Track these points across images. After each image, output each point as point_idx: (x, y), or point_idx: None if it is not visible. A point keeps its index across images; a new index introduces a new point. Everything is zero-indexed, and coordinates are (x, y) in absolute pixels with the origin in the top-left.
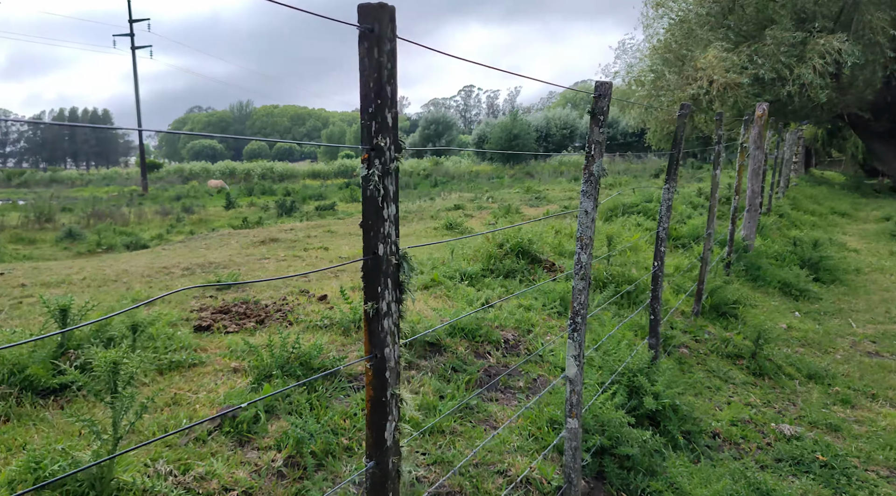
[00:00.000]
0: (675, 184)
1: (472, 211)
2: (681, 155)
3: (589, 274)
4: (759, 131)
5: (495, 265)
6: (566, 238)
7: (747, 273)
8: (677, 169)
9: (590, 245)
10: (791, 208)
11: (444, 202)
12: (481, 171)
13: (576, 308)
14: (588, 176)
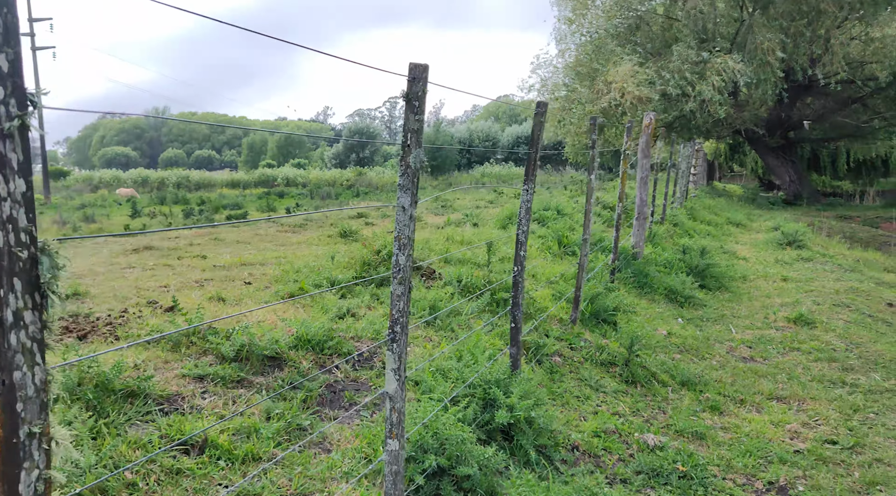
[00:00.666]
0: (533, 185)
1: (375, 219)
2: (538, 155)
3: (409, 277)
4: (647, 140)
5: (370, 272)
6: (456, 245)
7: (635, 280)
8: (535, 170)
9: (409, 245)
10: (688, 218)
11: (351, 211)
12: None
13: (395, 316)
14: (405, 168)
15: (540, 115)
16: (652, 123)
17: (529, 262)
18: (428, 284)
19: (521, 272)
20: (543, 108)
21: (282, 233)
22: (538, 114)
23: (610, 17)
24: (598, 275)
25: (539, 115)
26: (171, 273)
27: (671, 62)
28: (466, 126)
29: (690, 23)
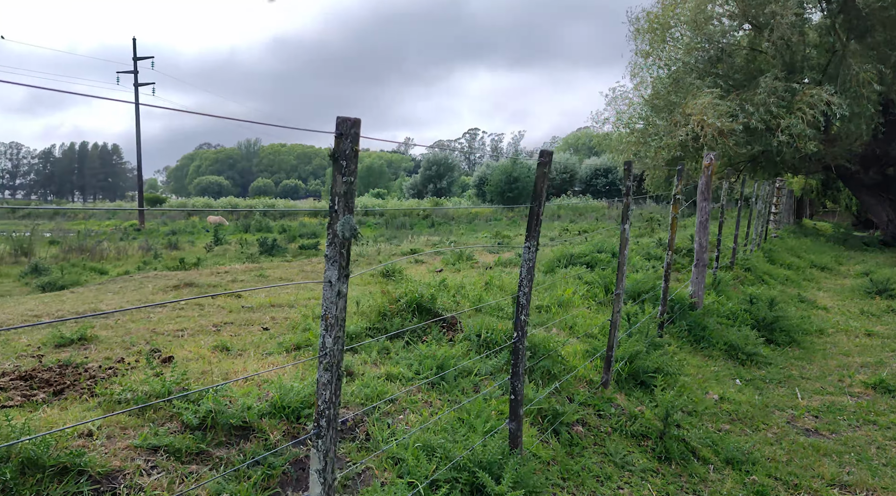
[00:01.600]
0: (535, 242)
1: (426, 257)
2: (542, 208)
3: (338, 362)
4: (707, 181)
5: (385, 324)
6: (494, 291)
7: (690, 334)
8: (538, 224)
9: (337, 326)
10: (765, 261)
11: (405, 246)
12: (481, 213)
13: (321, 407)
14: (332, 236)
15: (543, 165)
16: (712, 164)
17: (569, 312)
18: (449, 336)
19: (521, 338)
20: (548, 158)
21: None
22: (541, 164)
23: (689, 51)
24: (643, 328)
25: (542, 165)
26: (196, 314)
27: (756, 94)
28: None
29: (777, 54)
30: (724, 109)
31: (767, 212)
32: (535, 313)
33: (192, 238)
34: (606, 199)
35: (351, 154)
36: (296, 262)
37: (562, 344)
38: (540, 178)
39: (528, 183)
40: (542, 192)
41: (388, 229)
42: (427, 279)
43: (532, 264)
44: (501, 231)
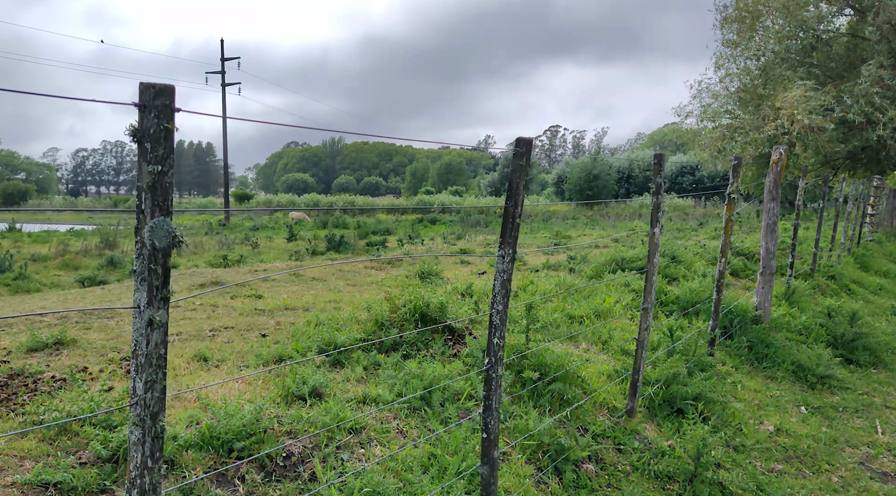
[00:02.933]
0: (511, 250)
1: (473, 258)
2: (519, 210)
3: (154, 414)
4: (775, 180)
5: (382, 334)
6: (525, 298)
7: (750, 352)
8: (515, 229)
9: (151, 366)
10: (858, 268)
11: (457, 245)
12: (558, 211)
13: (132, 475)
14: (139, 247)
15: (519, 157)
16: (782, 159)
17: (608, 323)
18: (455, 350)
19: (494, 365)
20: (525, 148)
21: (369, 268)
22: (517, 155)
23: (781, 40)
24: (688, 346)
25: (518, 157)
26: (205, 316)
27: (857, 85)
28: (626, 155)
29: (883, 39)
30: (818, 103)
31: (861, 213)
32: (567, 324)
33: (272, 234)
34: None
35: (159, 133)
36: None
37: (584, 362)
38: (516, 171)
39: (608, 181)
40: (518, 189)
41: (464, 227)
42: (465, 281)
43: (507, 276)
44: (563, 231)
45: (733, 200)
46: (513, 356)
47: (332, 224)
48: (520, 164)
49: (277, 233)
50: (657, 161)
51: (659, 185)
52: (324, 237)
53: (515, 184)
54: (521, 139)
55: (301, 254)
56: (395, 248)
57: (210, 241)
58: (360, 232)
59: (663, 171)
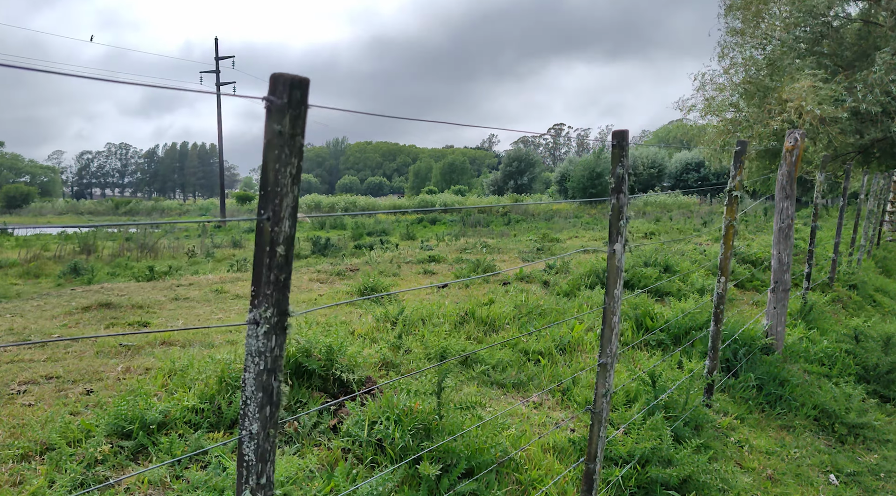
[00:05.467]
0: (272, 310)
1: (449, 263)
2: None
3: None
4: (790, 172)
5: (221, 402)
6: (473, 328)
7: (761, 393)
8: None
9: None
10: (880, 272)
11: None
12: (561, 210)
13: None
14: None
15: (618, 149)
16: (798, 146)
17: (576, 362)
18: (338, 418)
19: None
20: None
21: (314, 281)
22: (615, 146)
23: (788, 27)
24: (678, 396)
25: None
26: (41, 358)
27: (871, 73)
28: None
29: None
30: (828, 93)
31: (881, 210)
32: (519, 365)
33: None
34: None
35: None
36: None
37: (521, 434)
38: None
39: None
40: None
41: (465, 227)
42: (413, 298)
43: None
44: (551, 233)
45: (736, 200)
46: (414, 430)
47: (330, 225)
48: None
49: None
50: (617, 142)
51: (620, 178)
52: (308, 239)
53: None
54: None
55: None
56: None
57: (192, 244)
58: (355, 233)
59: (626, 158)
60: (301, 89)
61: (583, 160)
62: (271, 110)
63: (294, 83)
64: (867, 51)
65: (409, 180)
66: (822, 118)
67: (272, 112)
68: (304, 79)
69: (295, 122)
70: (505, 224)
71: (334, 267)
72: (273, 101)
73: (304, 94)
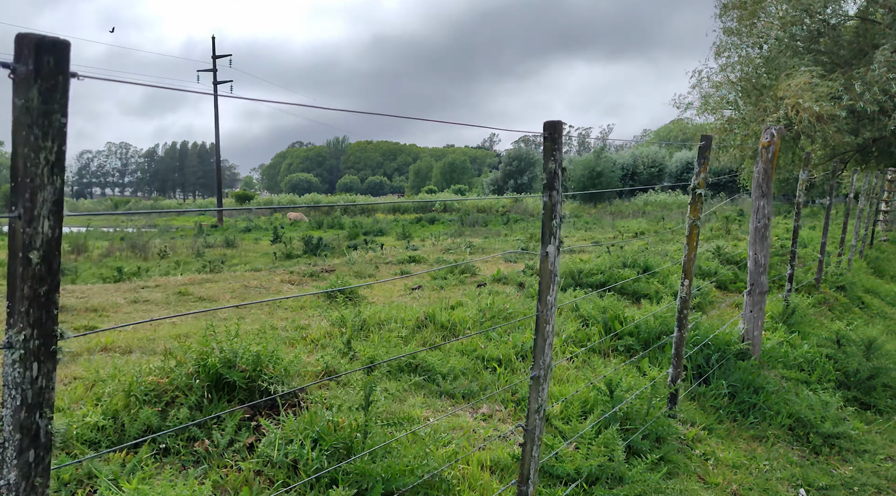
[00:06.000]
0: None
1: (429, 264)
2: None
3: None
4: (766, 170)
5: (126, 419)
6: (430, 333)
7: (733, 401)
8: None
9: None
10: (871, 273)
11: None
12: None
13: None
14: None
15: None
16: (774, 142)
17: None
18: (256, 436)
19: None
20: None
21: (286, 282)
22: None
23: (785, 25)
24: (639, 405)
25: None
26: None
27: (869, 71)
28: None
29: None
30: (825, 90)
31: (875, 210)
32: (474, 372)
33: (262, 235)
34: None
35: None
36: (282, 269)
37: (457, 454)
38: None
39: (612, 178)
40: None
41: (463, 226)
42: (389, 302)
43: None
44: (537, 233)
45: (700, 198)
46: (333, 450)
47: (328, 225)
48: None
49: (268, 234)
50: (549, 134)
51: (553, 173)
52: (301, 239)
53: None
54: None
55: (277, 258)
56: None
57: (185, 243)
58: (351, 233)
59: (559, 151)
60: (55, 54)
61: (582, 159)
62: (16, 81)
63: (42, 45)
64: (865, 49)
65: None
66: (820, 115)
67: (17, 83)
68: (61, 41)
69: (48, 95)
70: (503, 223)
71: (310, 267)
72: (16, 69)
73: (59, 60)
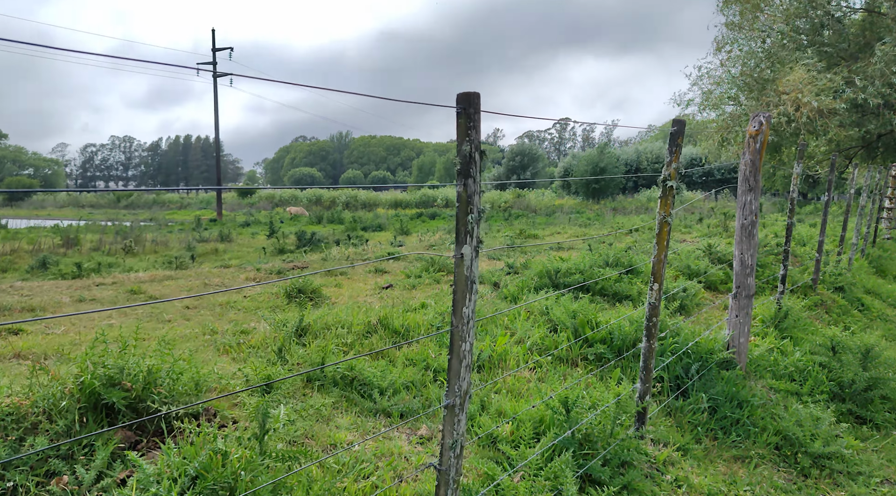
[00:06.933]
0: None
1: (409, 261)
2: None
3: None
4: (753, 161)
5: None
6: (379, 339)
7: (713, 417)
8: None
9: None
10: (873, 272)
11: (404, 246)
12: (564, 205)
13: None
14: None
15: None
16: (763, 130)
17: (492, 382)
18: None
19: None
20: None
21: (252, 280)
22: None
23: (789, 18)
24: (601, 424)
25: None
26: None
27: (871, 65)
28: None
29: None
30: (825, 84)
31: (878, 207)
32: (421, 385)
33: (260, 229)
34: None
35: None
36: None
37: (373, 490)
38: None
39: (615, 173)
40: None
41: None
42: (358, 302)
43: None
44: (530, 229)
45: (670, 191)
46: (212, 491)
47: (328, 219)
48: None
49: (265, 229)
50: (463, 109)
51: (468, 157)
52: (294, 234)
53: None
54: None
55: (267, 252)
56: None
57: (177, 237)
58: (349, 227)
59: (476, 130)
60: None
61: (586, 155)
62: None
63: None
64: (871, 42)
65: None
66: (820, 110)
67: None
68: None
69: None
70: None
71: (286, 264)
72: None
73: None
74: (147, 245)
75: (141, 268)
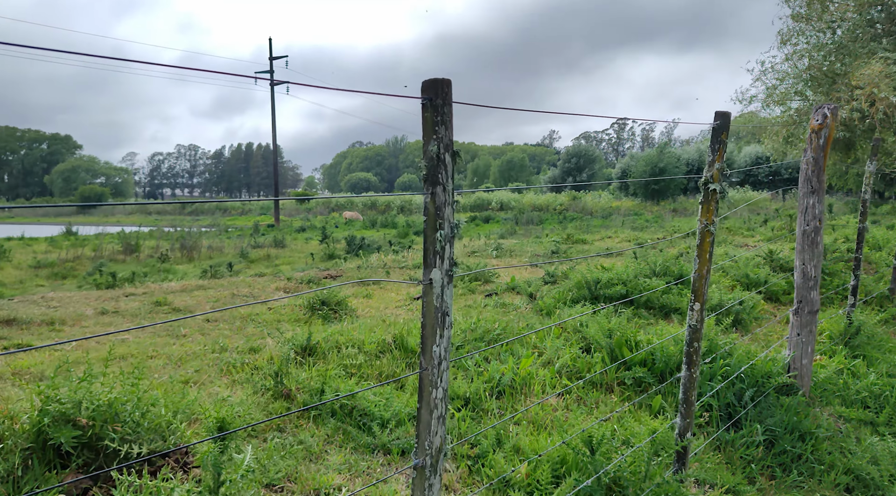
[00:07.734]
0: None
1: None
2: None
3: None
4: (817, 159)
5: None
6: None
7: (770, 451)
8: None
9: None
10: None
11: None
12: (621, 207)
13: None
14: None
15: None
16: (827, 126)
17: (522, 405)
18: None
19: None
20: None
21: (281, 289)
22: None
23: (861, 7)
24: (634, 465)
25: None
26: None
27: None
28: (696, 146)
29: None
30: None
31: None
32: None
33: (314, 234)
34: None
35: None
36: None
37: None
38: None
39: (676, 174)
40: None
41: (518, 225)
42: (384, 314)
43: None
44: (577, 233)
45: (713, 195)
46: None
47: (381, 223)
48: None
49: (320, 233)
50: (429, 101)
51: (436, 159)
52: (344, 238)
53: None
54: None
55: (316, 258)
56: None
57: (234, 243)
58: (402, 231)
59: (446, 126)
60: None
61: (644, 155)
62: None
63: None
64: None
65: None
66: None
67: None
68: None
69: None
70: (559, 222)
71: (319, 272)
72: None
73: None
74: (203, 251)
75: (189, 275)
